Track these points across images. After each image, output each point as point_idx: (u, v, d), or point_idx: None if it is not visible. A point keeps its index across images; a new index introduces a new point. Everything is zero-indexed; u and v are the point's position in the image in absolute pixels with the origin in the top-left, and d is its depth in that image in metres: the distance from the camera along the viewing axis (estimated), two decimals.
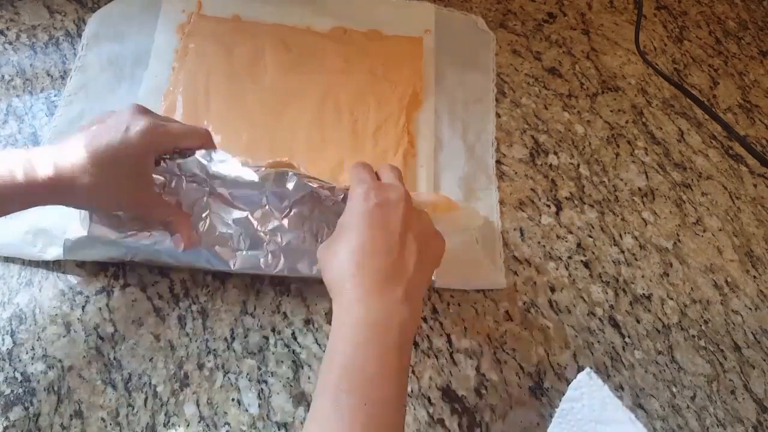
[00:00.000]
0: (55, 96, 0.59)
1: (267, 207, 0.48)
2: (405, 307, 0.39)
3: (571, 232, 0.59)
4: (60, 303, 0.49)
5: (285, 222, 0.48)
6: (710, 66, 0.73)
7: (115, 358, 0.48)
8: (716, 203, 0.63)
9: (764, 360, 0.54)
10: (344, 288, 0.39)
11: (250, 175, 0.47)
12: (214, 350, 0.49)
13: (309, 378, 0.48)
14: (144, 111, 0.44)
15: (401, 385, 0.37)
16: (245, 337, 0.50)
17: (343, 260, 0.40)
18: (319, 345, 0.50)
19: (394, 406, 0.36)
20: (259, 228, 0.48)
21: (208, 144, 0.48)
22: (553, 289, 0.55)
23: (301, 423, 0.46)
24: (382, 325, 0.38)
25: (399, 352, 0.37)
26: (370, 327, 0.37)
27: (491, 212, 0.58)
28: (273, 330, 0.50)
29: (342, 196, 0.48)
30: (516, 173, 0.61)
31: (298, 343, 0.50)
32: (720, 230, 0.61)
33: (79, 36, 0.63)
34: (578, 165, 0.63)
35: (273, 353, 0.49)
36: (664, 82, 0.70)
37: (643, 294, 0.56)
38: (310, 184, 0.48)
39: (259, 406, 0.47)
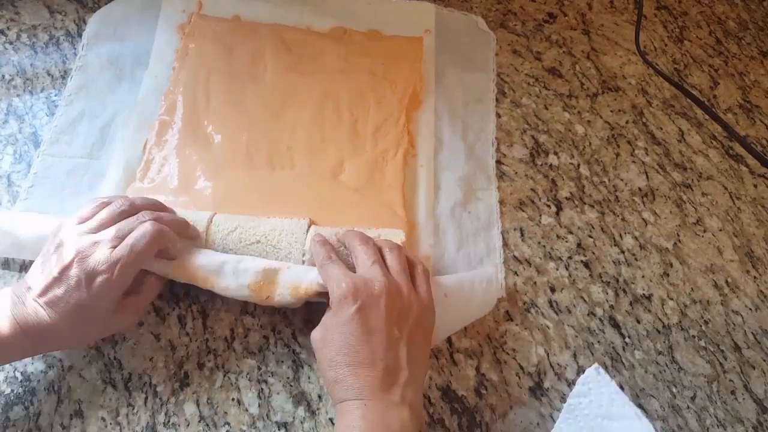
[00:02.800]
0: (55, 96, 0.59)
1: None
2: (404, 408, 0.39)
3: (571, 232, 0.59)
4: None
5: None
6: (710, 66, 0.73)
7: (115, 358, 0.48)
8: (716, 203, 0.63)
9: (764, 360, 0.54)
10: (341, 396, 0.40)
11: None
12: (214, 350, 0.49)
13: (309, 378, 0.48)
14: (91, 250, 0.42)
15: None
16: (245, 337, 0.50)
17: (335, 365, 0.40)
18: None
19: None
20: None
21: (164, 243, 0.45)
22: (553, 289, 0.55)
23: (301, 423, 0.46)
24: (382, 428, 0.38)
25: None
26: (370, 431, 0.38)
27: (491, 212, 0.58)
28: (273, 330, 0.50)
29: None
30: (516, 173, 0.61)
31: (298, 342, 0.50)
32: (720, 230, 0.61)
33: (80, 36, 0.63)
34: (578, 165, 0.63)
35: (273, 353, 0.49)
36: (665, 82, 0.70)
37: (643, 294, 0.56)
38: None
39: (259, 405, 0.47)
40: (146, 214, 0.45)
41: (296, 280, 0.46)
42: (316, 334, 0.43)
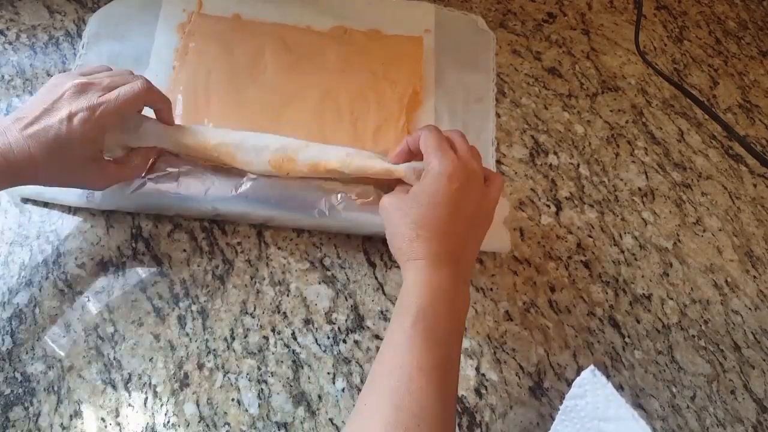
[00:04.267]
0: None
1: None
2: (465, 289, 0.44)
3: (571, 232, 0.59)
4: (60, 303, 0.49)
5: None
6: (710, 66, 0.73)
7: (115, 358, 0.48)
8: (716, 203, 0.63)
9: (764, 360, 0.54)
10: (419, 254, 0.42)
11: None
12: (214, 350, 0.49)
13: (309, 378, 0.48)
14: (83, 89, 0.44)
15: (458, 349, 0.42)
16: (245, 337, 0.50)
17: (416, 226, 0.43)
18: (319, 345, 0.50)
19: (454, 363, 0.41)
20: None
21: (152, 101, 0.48)
22: (553, 289, 0.55)
23: (301, 423, 0.47)
24: (451, 295, 0.42)
25: (460, 321, 0.42)
26: (442, 292, 0.41)
27: None
28: (273, 330, 0.50)
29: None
30: (516, 173, 0.61)
31: (298, 343, 0.50)
32: (720, 230, 0.61)
33: (79, 36, 0.63)
34: (578, 165, 0.63)
35: (273, 353, 0.49)
36: (664, 82, 0.70)
37: (643, 294, 0.56)
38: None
39: (259, 406, 0.47)
40: (143, 77, 0.47)
41: (315, 157, 0.50)
42: (395, 200, 0.45)
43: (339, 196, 0.50)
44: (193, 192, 0.50)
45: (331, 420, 0.47)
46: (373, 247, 0.55)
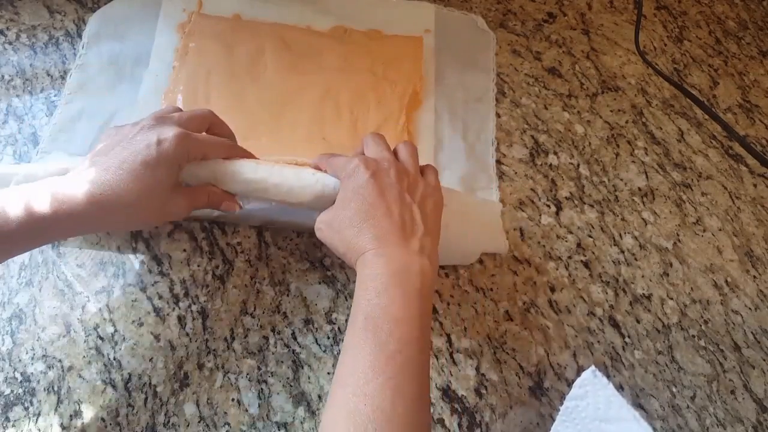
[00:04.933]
0: (54, 96, 0.59)
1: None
2: (423, 258, 0.41)
3: (571, 232, 0.59)
4: (60, 303, 0.49)
5: None
6: (710, 66, 0.73)
7: (115, 358, 0.48)
8: (716, 203, 0.63)
9: (764, 360, 0.54)
10: (361, 248, 0.41)
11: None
12: (214, 350, 0.49)
13: (309, 378, 0.48)
14: (163, 120, 0.44)
15: (424, 327, 0.39)
16: (245, 337, 0.50)
17: (353, 227, 0.42)
18: (319, 345, 0.50)
19: (418, 346, 0.38)
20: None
21: (233, 154, 0.47)
22: (553, 289, 0.55)
23: (301, 423, 0.47)
24: (404, 272, 0.40)
25: (420, 296, 0.39)
26: (392, 275, 0.39)
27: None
28: (273, 330, 0.50)
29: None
30: (516, 173, 0.61)
31: (298, 343, 0.50)
32: (720, 230, 0.61)
33: (79, 36, 0.63)
34: (578, 165, 0.63)
35: (273, 353, 0.49)
36: (664, 82, 0.70)
37: (643, 294, 0.56)
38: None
39: (259, 406, 0.47)
40: (209, 110, 0.48)
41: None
42: (323, 216, 0.44)
43: None
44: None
45: None
46: None
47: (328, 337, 0.50)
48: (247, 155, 0.49)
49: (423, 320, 0.39)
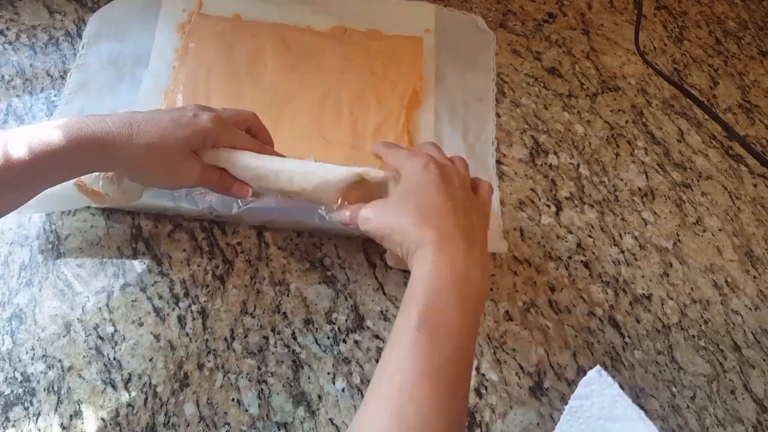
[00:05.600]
0: (54, 96, 0.59)
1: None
2: (481, 268, 0.40)
3: (571, 232, 0.59)
4: (60, 303, 0.49)
5: None
6: (710, 66, 0.73)
7: (115, 358, 0.48)
8: (716, 203, 0.63)
9: (764, 360, 0.54)
10: (422, 241, 0.39)
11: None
12: (214, 350, 0.49)
13: (309, 378, 0.48)
14: (207, 108, 0.46)
15: (472, 338, 0.38)
16: (245, 337, 0.50)
17: (417, 219, 0.40)
18: (319, 345, 0.50)
19: (466, 356, 0.37)
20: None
21: (256, 129, 0.50)
22: (553, 289, 0.55)
23: (301, 423, 0.47)
24: (463, 278, 0.38)
25: (475, 306, 0.39)
26: (452, 277, 0.38)
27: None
28: (273, 330, 0.50)
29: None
30: (516, 173, 0.61)
31: (298, 343, 0.50)
32: (720, 230, 0.61)
33: (79, 36, 0.63)
34: (578, 165, 0.63)
35: (273, 353, 0.49)
36: (664, 82, 0.70)
37: (643, 294, 0.56)
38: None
39: (259, 406, 0.47)
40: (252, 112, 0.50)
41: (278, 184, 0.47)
42: (373, 207, 0.43)
43: (339, 200, 0.50)
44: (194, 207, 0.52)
45: (331, 420, 0.47)
46: (373, 248, 0.55)
47: (328, 337, 0.50)
48: (278, 157, 0.49)
49: (471, 332, 0.38)
